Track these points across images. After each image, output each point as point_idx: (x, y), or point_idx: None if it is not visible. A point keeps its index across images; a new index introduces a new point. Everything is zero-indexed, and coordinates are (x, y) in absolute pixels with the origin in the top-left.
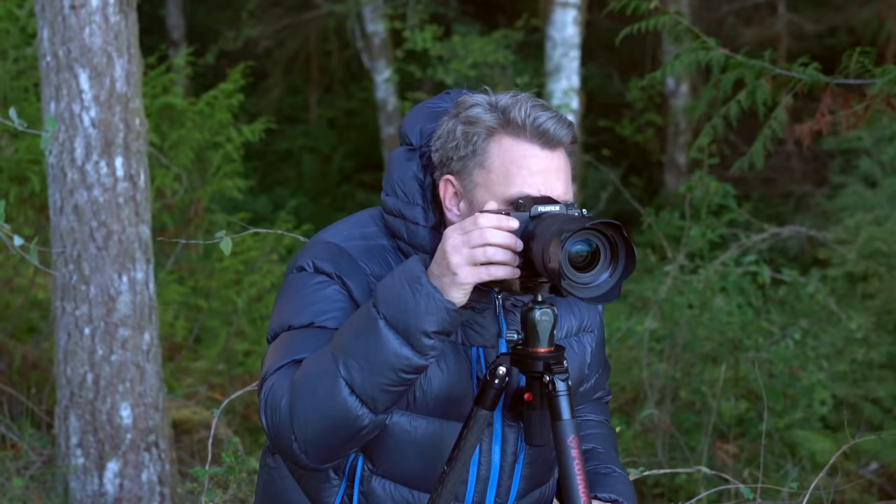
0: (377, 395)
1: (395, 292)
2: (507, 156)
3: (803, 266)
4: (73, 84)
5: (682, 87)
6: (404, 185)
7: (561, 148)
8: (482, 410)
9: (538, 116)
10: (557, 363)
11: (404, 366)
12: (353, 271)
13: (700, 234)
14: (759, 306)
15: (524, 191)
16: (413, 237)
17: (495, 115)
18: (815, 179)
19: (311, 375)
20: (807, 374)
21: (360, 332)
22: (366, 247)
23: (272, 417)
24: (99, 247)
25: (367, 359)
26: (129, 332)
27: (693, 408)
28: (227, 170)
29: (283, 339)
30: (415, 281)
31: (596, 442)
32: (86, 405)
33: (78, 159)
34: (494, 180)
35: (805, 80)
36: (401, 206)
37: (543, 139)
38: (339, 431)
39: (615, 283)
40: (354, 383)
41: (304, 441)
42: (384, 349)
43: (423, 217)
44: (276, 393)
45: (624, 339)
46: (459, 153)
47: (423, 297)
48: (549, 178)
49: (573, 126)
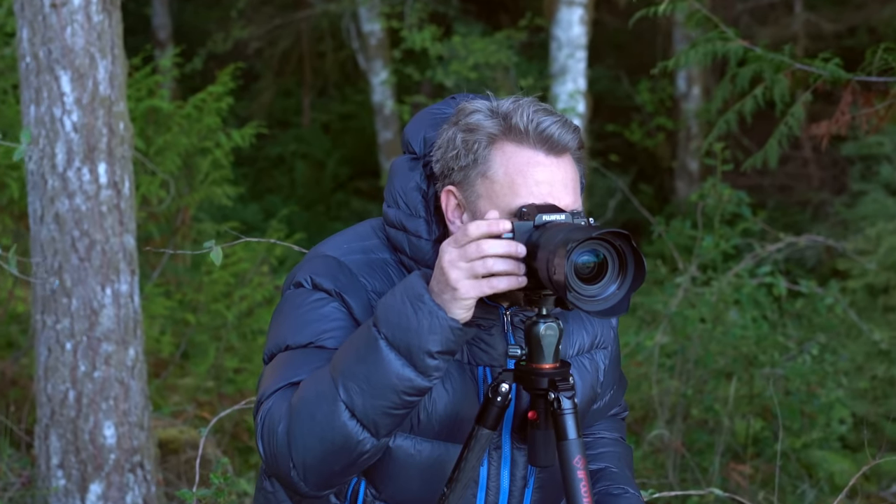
0: (379, 418)
1: (396, 311)
2: (511, 164)
3: (821, 278)
4: (53, 86)
5: (693, 89)
6: (406, 196)
7: (567, 154)
8: (483, 430)
9: (542, 121)
10: (563, 380)
11: (407, 388)
12: (353, 287)
13: (713, 245)
14: (775, 320)
15: (529, 201)
16: (416, 251)
17: (496, 122)
18: (833, 187)
19: (310, 399)
20: (825, 391)
21: (361, 353)
22: (366, 261)
23: (269, 443)
24: (81, 257)
25: (367, 381)
26: (112, 347)
27: (705, 427)
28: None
29: (280, 359)
30: (417, 299)
31: (609, 461)
32: (67, 424)
33: (59, 165)
34: (498, 191)
35: (826, 76)
36: (403, 219)
37: (548, 145)
38: (340, 457)
39: (623, 295)
40: (355, 407)
41: (304, 467)
42: (386, 371)
43: (426, 230)
44: (273, 417)
45: (633, 355)
46: (460, 163)
47: (426, 316)
48: (555, 187)
49: (579, 130)
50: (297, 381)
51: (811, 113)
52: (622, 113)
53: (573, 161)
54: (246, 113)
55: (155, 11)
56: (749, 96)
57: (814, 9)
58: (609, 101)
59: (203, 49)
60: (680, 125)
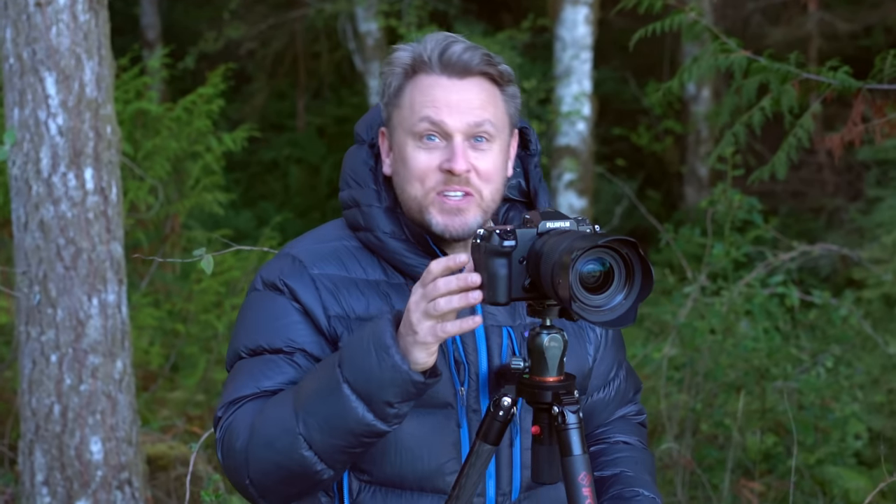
0: (336, 455)
1: (360, 357)
2: (416, 90)
3: (836, 287)
4: (38, 89)
5: (703, 91)
6: (355, 174)
7: (474, 77)
8: (485, 445)
9: (446, 47)
10: (567, 393)
11: (365, 431)
12: (298, 274)
13: (723, 253)
14: (788, 331)
15: (424, 114)
16: (369, 220)
17: (409, 55)
18: (848, 193)
19: (270, 426)
20: (840, 405)
21: (324, 392)
22: (317, 250)
23: (228, 457)
24: (67, 266)
25: (327, 420)
26: (99, 359)
27: (715, 442)
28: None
29: (238, 367)
30: (383, 349)
31: (624, 465)
32: (52, 439)
33: (44, 171)
34: (405, 116)
35: (835, 85)
36: (354, 194)
37: (449, 68)
38: (297, 483)
39: (630, 305)
40: (313, 442)
41: (261, 487)
42: (345, 414)
43: (375, 198)
44: (232, 432)
45: (640, 367)
46: (384, 100)
47: (389, 369)
48: (456, 107)
49: (494, 58)
50: (248, 393)
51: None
52: (629, 116)
53: (487, 87)
54: (238, 116)
55: (143, 11)
56: (756, 108)
57: (828, 8)
58: (615, 103)
59: (194, 48)
60: (689, 129)
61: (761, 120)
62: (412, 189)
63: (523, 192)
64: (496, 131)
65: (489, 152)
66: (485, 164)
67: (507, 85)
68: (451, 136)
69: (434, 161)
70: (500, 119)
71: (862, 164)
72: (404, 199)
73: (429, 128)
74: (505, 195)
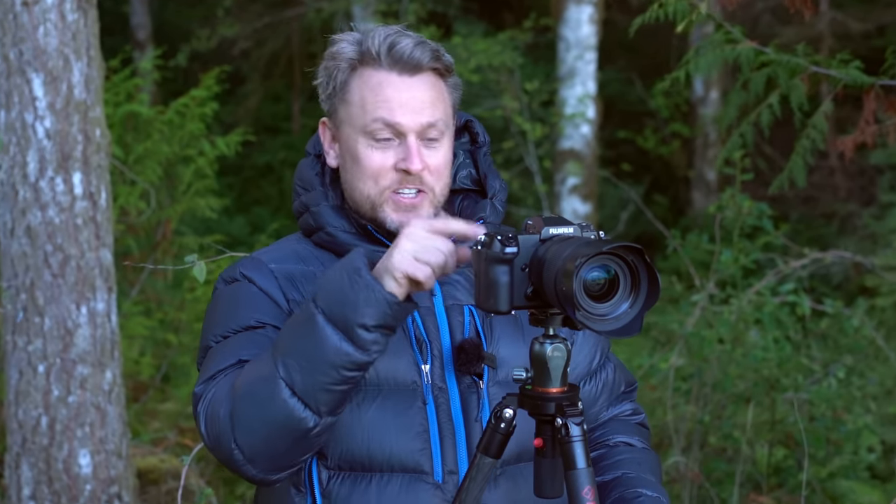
0: (319, 395)
1: (334, 285)
2: (365, 86)
3: (848, 296)
4: (25, 90)
5: (711, 93)
6: (303, 181)
7: (423, 73)
8: (486, 458)
9: (394, 42)
10: (571, 405)
11: (345, 362)
12: (256, 267)
13: (732, 260)
14: (799, 341)
15: (377, 115)
16: (318, 219)
17: (355, 48)
18: (861, 198)
19: (252, 381)
20: (852, 416)
21: (299, 330)
22: (276, 251)
23: (212, 427)
24: (55, 274)
25: (305, 357)
26: (88, 369)
27: (724, 455)
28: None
29: (209, 355)
30: (354, 272)
31: (626, 467)
32: (40, 452)
33: (31, 175)
34: (355, 113)
35: (846, 80)
36: (303, 200)
37: (400, 65)
38: (284, 436)
39: (636, 314)
40: (294, 384)
41: (249, 449)
42: (323, 346)
43: (323, 197)
44: (215, 401)
45: (646, 378)
46: (327, 92)
47: (362, 289)
48: (404, 106)
49: (441, 52)
50: (225, 366)
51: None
52: (635, 118)
53: (435, 82)
54: (231, 119)
55: (134, 10)
56: (764, 105)
57: (840, 7)
58: (621, 105)
59: (186, 45)
60: (696, 132)
61: (770, 119)
62: (365, 187)
63: (475, 180)
64: (445, 127)
65: (440, 148)
66: (436, 160)
67: (450, 76)
68: (404, 136)
69: (389, 160)
70: (448, 113)
71: (875, 167)
72: (355, 196)
73: (382, 128)
74: (458, 186)
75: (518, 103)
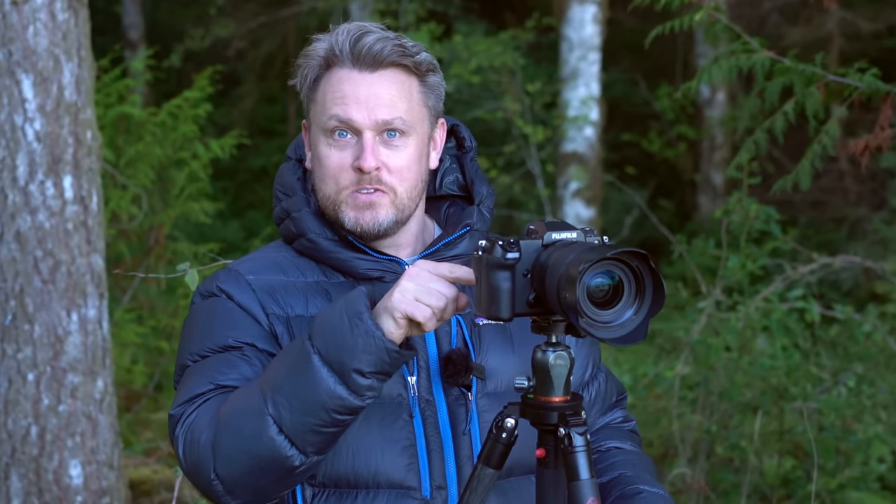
0: (307, 436)
1: (332, 326)
2: (328, 85)
3: (858, 302)
4: (14, 92)
5: (718, 95)
6: (283, 187)
7: (388, 70)
8: (487, 469)
9: (357, 38)
10: (574, 414)
11: (338, 406)
12: (234, 280)
13: (739, 266)
14: (808, 348)
15: (333, 112)
16: (299, 225)
17: (325, 46)
18: (871, 202)
19: (238, 412)
20: (862, 426)
21: (292, 367)
22: (254, 261)
23: (191, 453)
24: (45, 280)
25: (297, 396)
26: (79, 378)
27: (731, 466)
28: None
29: (186, 374)
30: (356, 316)
31: (622, 468)
32: (29, 462)
33: (20, 178)
34: (318, 112)
35: (862, 89)
36: (284, 206)
37: (361, 61)
38: (268, 472)
39: (641, 321)
40: (283, 422)
41: (230, 481)
42: (316, 387)
43: (304, 203)
44: (196, 427)
45: (651, 387)
46: (303, 93)
47: (362, 335)
48: (365, 102)
49: (411, 47)
50: (204, 390)
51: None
52: (639, 121)
53: (402, 79)
54: (226, 121)
55: (126, 9)
56: (779, 112)
57: (850, 7)
58: (625, 107)
59: (179, 47)
60: (703, 134)
61: (784, 126)
62: (326, 187)
63: (461, 186)
64: (409, 126)
65: (403, 148)
66: (397, 160)
67: (425, 75)
68: (360, 133)
69: (346, 159)
70: (416, 112)
71: (886, 171)
72: (321, 197)
73: (337, 125)
74: (444, 192)
75: (520, 105)
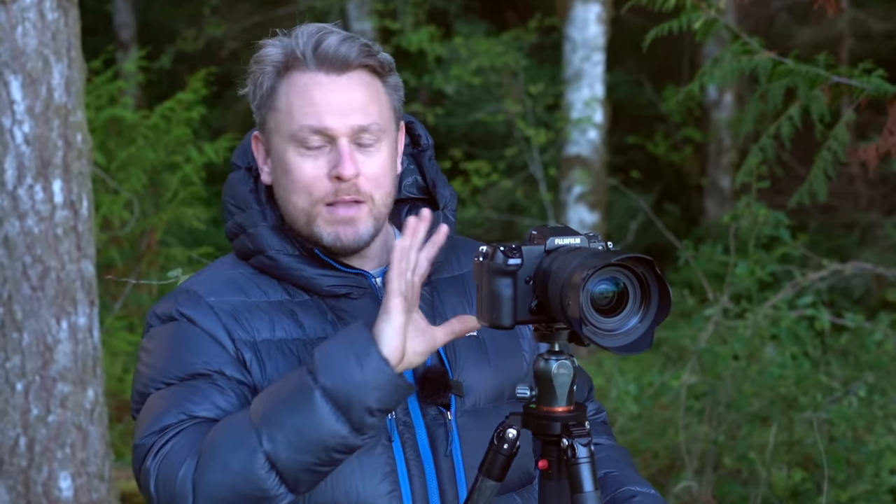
0: (301, 474)
1: (338, 361)
2: (292, 90)
3: (869, 309)
4: (2, 93)
5: (725, 97)
6: (235, 200)
7: (354, 72)
8: (488, 481)
9: (320, 40)
10: (578, 424)
11: (338, 444)
12: (194, 303)
13: (747, 272)
14: (818, 357)
15: (304, 122)
16: (257, 241)
17: (280, 51)
18: (883, 207)
19: (226, 446)
20: (874, 437)
21: (292, 403)
22: (211, 280)
23: (165, 485)
24: (34, 286)
25: (296, 433)
26: (69, 387)
27: (739, 477)
28: (186, 195)
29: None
30: (364, 351)
31: (607, 466)
32: (18, 474)
33: (9, 183)
34: (283, 121)
35: (868, 91)
36: (238, 220)
37: (327, 64)
38: None
39: (646, 329)
40: (278, 460)
41: None
42: (319, 425)
43: (260, 217)
44: (172, 459)
45: (657, 397)
46: (256, 102)
47: (372, 371)
48: (338, 108)
49: (374, 47)
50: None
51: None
52: (645, 123)
53: (369, 81)
54: (219, 123)
55: (117, 9)
56: (783, 117)
57: (861, 6)
58: (630, 109)
59: (171, 48)
60: (710, 137)
61: (790, 131)
62: (298, 200)
63: (421, 188)
64: (382, 130)
65: (377, 154)
66: (372, 167)
67: (388, 75)
68: (335, 140)
69: (321, 169)
70: (386, 115)
71: None
72: (289, 210)
73: (311, 135)
74: (403, 195)
75: (522, 107)
